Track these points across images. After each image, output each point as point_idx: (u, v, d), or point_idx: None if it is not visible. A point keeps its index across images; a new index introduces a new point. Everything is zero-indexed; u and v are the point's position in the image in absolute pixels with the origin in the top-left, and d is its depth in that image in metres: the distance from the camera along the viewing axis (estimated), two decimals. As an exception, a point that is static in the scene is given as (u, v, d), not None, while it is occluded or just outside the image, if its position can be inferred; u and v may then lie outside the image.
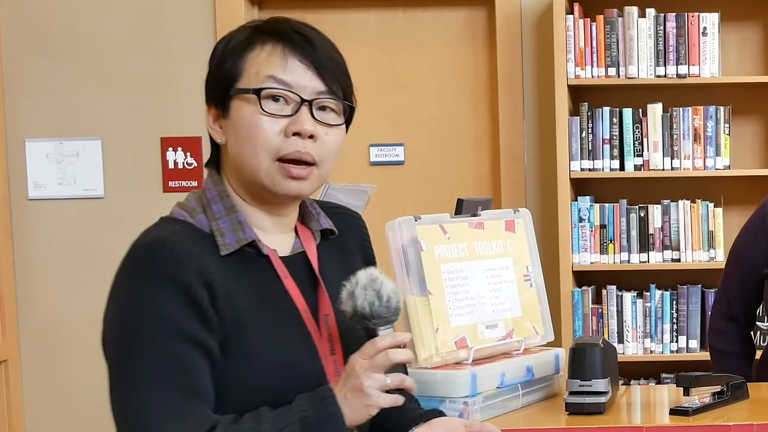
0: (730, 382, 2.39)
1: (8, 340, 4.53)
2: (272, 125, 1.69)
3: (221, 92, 1.73)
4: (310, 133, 1.70)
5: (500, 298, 2.41)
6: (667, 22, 4.34)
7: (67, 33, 4.57)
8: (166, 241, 1.64)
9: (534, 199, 4.61)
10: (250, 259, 1.72)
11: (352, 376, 1.65)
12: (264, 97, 1.69)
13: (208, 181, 1.78)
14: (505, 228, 2.47)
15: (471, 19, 4.74)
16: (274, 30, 1.73)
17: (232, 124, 1.72)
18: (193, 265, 1.63)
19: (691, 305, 4.41)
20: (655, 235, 4.41)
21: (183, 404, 1.59)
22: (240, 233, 1.71)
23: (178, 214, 1.75)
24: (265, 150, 1.69)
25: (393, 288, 1.70)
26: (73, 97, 4.59)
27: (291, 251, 1.81)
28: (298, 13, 4.58)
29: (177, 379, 1.60)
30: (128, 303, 1.63)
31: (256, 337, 1.68)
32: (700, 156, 4.39)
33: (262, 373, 1.67)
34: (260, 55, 1.71)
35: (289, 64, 1.71)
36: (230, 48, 1.74)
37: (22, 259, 4.61)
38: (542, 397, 2.44)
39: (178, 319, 1.61)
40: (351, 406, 1.64)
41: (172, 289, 1.61)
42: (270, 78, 1.70)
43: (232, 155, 1.73)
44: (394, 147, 4.75)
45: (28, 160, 4.60)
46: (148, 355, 1.59)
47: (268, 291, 1.73)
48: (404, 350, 1.67)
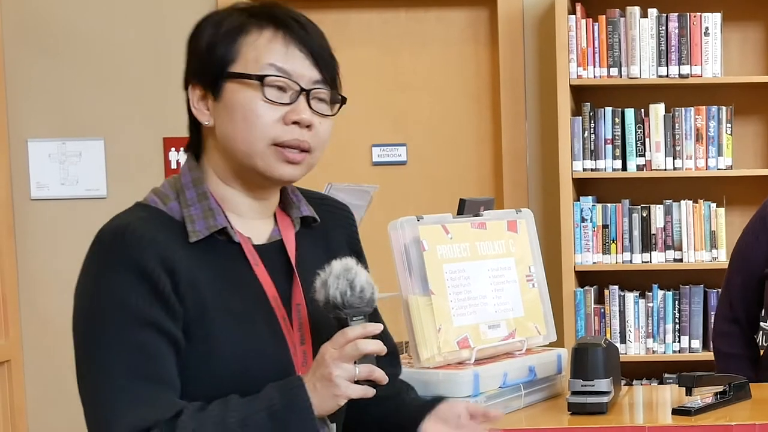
0: (733, 382, 2.39)
1: (11, 339, 4.54)
2: (271, 112, 1.69)
3: (213, 74, 1.71)
4: (308, 123, 1.71)
5: (502, 298, 2.41)
6: (669, 22, 4.35)
7: (69, 33, 4.58)
8: (128, 227, 1.64)
9: (536, 199, 4.61)
10: (220, 247, 1.71)
11: (321, 365, 1.63)
12: (267, 85, 1.69)
13: (185, 167, 1.77)
14: (507, 228, 2.48)
15: (473, 19, 4.74)
16: (271, 15, 1.72)
17: (225, 106, 1.70)
18: (156, 251, 1.62)
19: (694, 305, 4.41)
20: (658, 235, 4.41)
21: (148, 391, 1.59)
22: (210, 220, 1.70)
23: (151, 200, 1.74)
24: (262, 136, 1.69)
25: (367, 279, 1.68)
26: (75, 98, 4.59)
27: (268, 239, 1.80)
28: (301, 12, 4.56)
29: (141, 366, 1.59)
30: (92, 291, 1.63)
31: (221, 325, 1.66)
32: (702, 156, 4.39)
33: (226, 361, 1.66)
34: (258, 40, 1.70)
35: (290, 52, 1.71)
36: (224, 31, 1.72)
37: (24, 259, 4.61)
38: (544, 397, 2.44)
39: (141, 306, 1.60)
40: (320, 396, 1.62)
41: (134, 276, 1.60)
42: (271, 66, 1.69)
43: (222, 138, 1.72)
44: (397, 147, 4.75)
45: (30, 160, 4.61)
46: (112, 343, 1.59)
47: (236, 279, 1.71)
48: (374, 341, 1.65)
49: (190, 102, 1.76)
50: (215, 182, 1.75)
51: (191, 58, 1.77)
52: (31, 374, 4.62)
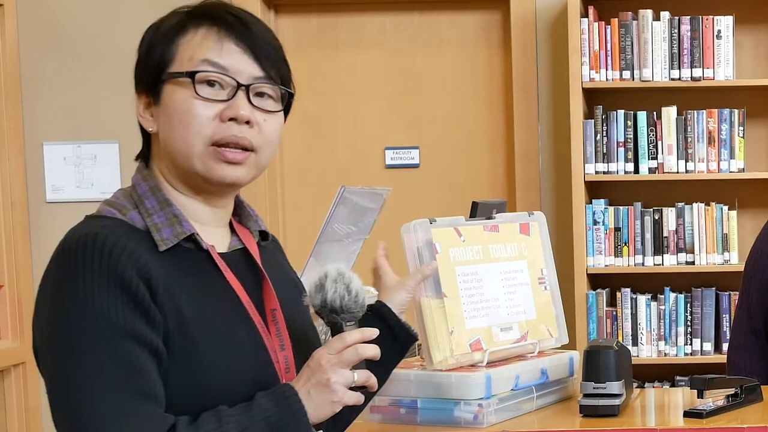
0: (744, 385, 2.39)
1: (26, 342, 4.56)
2: (206, 110, 1.62)
3: (152, 78, 1.65)
4: (246, 119, 1.63)
5: (515, 300, 2.42)
6: (681, 25, 4.35)
7: (85, 37, 4.61)
8: (98, 236, 1.54)
9: (548, 202, 4.61)
10: (189, 255, 1.65)
11: (318, 371, 1.58)
12: (198, 81, 1.62)
13: (138, 177, 1.69)
14: (519, 231, 2.48)
15: (486, 22, 4.76)
16: (208, 13, 1.66)
17: (164, 109, 1.64)
18: (130, 259, 1.54)
19: (705, 308, 4.42)
20: (670, 237, 4.42)
21: (136, 406, 1.50)
22: (177, 227, 1.63)
23: (107, 212, 1.65)
24: (199, 135, 1.62)
25: (360, 284, 1.67)
26: (90, 101, 4.62)
27: (228, 248, 1.74)
28: (314, 16, 4.59)
29: (126, 380, 1.51)
30: (64, 304, 1.53)
31: (201, 334, 1.59)
32: (714, 159, 4.39)
33: (209, 369, 1.59)
34: (194, 39, 1.65)
35: (225, 48, 1.64)
36: (162, 32, 1.67)
37: (39, 262, 4.63)
38: (556, 400, 2.44)
39: (120, 317, 1.51)
40: (315, 403, 1.58)
41: (111, 286, 1.52)
42: (205, 62, 1.63)
43: (164, 143, 1.66)
44: (409, 150, 4.76)
45: (46, 163, 4.64)
46: (92, 358, 1.50)
47: (210, 286, 1.65)
48: (373, 345, 1.62)
49: (137, 110, 1.69)
50: (168, 189, 1.68)
51: (136, 64, 1.71)
52: (45, 376, 4.64)
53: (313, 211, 4.30)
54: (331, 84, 4.60)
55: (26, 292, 4.57)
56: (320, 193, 4.47)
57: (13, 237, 4.50)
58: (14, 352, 4.52)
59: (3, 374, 4.52)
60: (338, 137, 4.72)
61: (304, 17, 4.64)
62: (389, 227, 3.12)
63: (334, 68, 4.64)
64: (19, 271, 4.53)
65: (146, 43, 1.69)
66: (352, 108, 4.69)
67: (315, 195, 4.54)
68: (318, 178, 4.67)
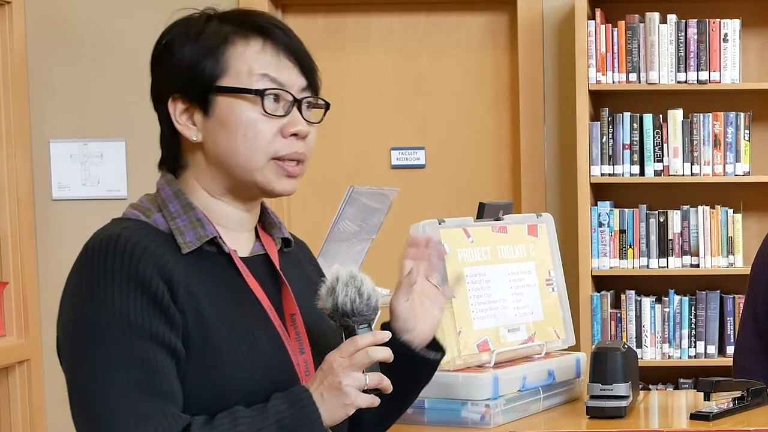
0: (751, 388, 2.40)
1: (31, 339, 4.57)
2: (270, 126, 1.66)
3: (200, 89, 1.66)
4: (306, 134, 1.69)
5: (522, 301, 2.43)
6: (688, 28, 4.36)
7: (92, 35, 4.61)
8: (120, 237, 1.58)
9: (554, 204, 4.62)
10: (211, 258, 1.67)
11: (330, 374, 1.59)
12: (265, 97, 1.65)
13: (162, 181, 1.72)
14: (528, 232, 2.49)
15: (493, 23, 4.76)
16: (253, 24, 1.69)
17: (220, 122, 1.66)
18: (151, 260, 1.57)
19: (710, 311, 4.42)
20: (675, 240, 4.42)
21: (152, 406, 1.53)
22: (200, 230, 1.66)
23: (131, 214, 1.69)
24: (263, 151, 1.66)
25: (372, 286, 1.66)
26: (97, 99, 4.63)
27: (250, 252, 1.76)
28: (321, 16, 4.60)
29: (143, 380, 1.53)
30: (85, 303, 1.56)
31: (221, 335, 1.62)
32: (719, 162, 4.40)
33: (228, 371, 1.61)
34: (247, 52, 1.66)
35: (281, 62, 1.68)
36: (207, 44, 1.67)
37: (45, 259, 4.64)
38: (563, 401, 2.45)
39: (139, 317, 1.54)
40: (328, 406, 1.58)
41: (131, 286, 1.55)
42: (265, 77, 1.66)
43: (216, 153, 1.68)
44: (415, 150, 4.77)
45: (52, 160, 4.64)
46: (111, 357, 1.53)
47: (231, 289, 1.67)
48: (384, 348, 1.62)
49: (173, 116, 1.69)
50: (201, 195, 1.71)
51: (167, 71, 1.71)
52: (50, 374, 4.65)
53: (319, 211, 4.31)
54: (338, 84, 4.60)
55: (31, 290, 4.58)
56: (326, 193, 4.48)
57: (19, 234, 4.51)
58: (19, 349, 4.53)
59: (8, 371, 4.53)
60: (344, 137, 4.73)
61: (311, 17, 4.65)
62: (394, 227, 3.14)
63: (340, 68, 4.64)
64: (24, 268, 4.54)
65: (186, 52, 1.68)
66: (359, 108, 4.69)
67: (321, 195, 4.54)
68: (324, 177, 4.67)
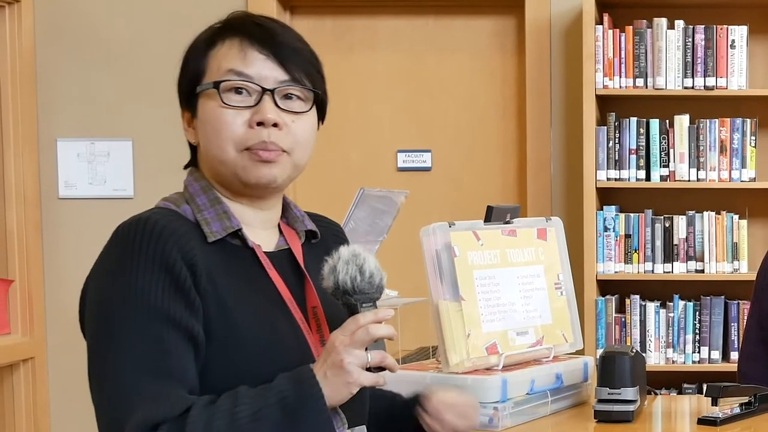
0: (758, 393, 2.40)
1: (35, 337, 4.58)
2: (236, 117, 1.69)
3: (188, 93, 1.74)
4: (273, 122, 1.69)
5: (531, 305, 2.43)
6: (695, 34, 4.36)
7: (100, 34, 4.62)
8: (148, 220, 1.63)
9: (560, 208, 4.62)
10: (235, 251, 1.71)
11: (332, 352, 1.60)
12: (224, 90, 1.69)
13: (190, 178, 1.78)
14: (537, 236, 2.50)
15: (500, 27, 4.77)
16: (233, 26, 1.74)
17: (200, 121, 1.72)
18: (177, 244, 1.61)
19: (714, 316, 4.42)
20: (680, 245, 4.42)
21: (159, 386, 1.56)
22: (226, 221, 1.71)
23: (162, 204, 1.75)
24: (230, 142, 1.69)
25: (376, 265, 1.66)
26: (105, 98, 4.63)
27: (275, 247, 1.80)
28: (329, 18, 4.61)
29: (155, 360, 1.57)
30: (110, 280, 1.62)
31: (242, 322, 1.65)
32: (725, 168, 4.40)
33: (250, 356, 1.64)
34: (220, 51, 1.72)
35: (248, 56, 1.70)
36: (194, 48, 1.76)
37: (51, 258, 4.65)
38: (571, 405, 2.46)
39: (159, 298, 1.59)
40: (331, 385, 1.59)
41: (155, 267, 1.59)
42: (230, 71, 1.69)
43: (204, 153, 1.74)
44: (422, 153, 4.77)
45: (59, 159, 4.65)
46: (127, 335, 1.58)
47: (253, 281, 1.71)
48: (386, 326, 1.62)
49: (183, 123, 1.78)
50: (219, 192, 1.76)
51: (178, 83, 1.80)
52: (54, 371, 4.65)
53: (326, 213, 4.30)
54: (345, 86, 4.61)
55: (37, 288, 4.58)
56: (333, 195, 4.48)
57: (25, 232, 4.51)
58: (24, 347, 4.53)
59: (12, 369, 4.54)
60: (351, 139, 4.73)
61: (319, 19, 4.65)
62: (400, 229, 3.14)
63: (347, 70, 4.65)
64: (30, 266, 4.54)
65: (183, 60, 1.77)
66: (365, 110, 4.70)
67: (327, 197, 4.54)
68: (330, 180, 4.68)
